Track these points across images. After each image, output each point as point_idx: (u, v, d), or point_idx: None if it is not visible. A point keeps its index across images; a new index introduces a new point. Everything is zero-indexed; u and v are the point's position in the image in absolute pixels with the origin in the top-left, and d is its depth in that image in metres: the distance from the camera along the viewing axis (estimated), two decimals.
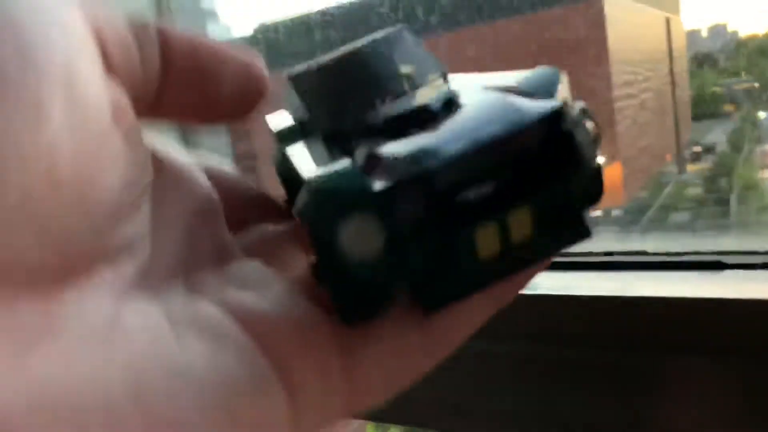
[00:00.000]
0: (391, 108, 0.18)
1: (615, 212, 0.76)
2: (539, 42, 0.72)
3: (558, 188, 0.16)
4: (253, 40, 0.99)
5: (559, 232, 0.17)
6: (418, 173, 0.15)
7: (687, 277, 0.33)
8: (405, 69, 0.20)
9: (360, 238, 0.15)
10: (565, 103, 0.15)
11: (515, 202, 0.16)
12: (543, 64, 0.19)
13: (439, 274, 0.16)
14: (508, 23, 0.73)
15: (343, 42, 0.22)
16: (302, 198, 0.15)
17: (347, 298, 0.16)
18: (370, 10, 0.80)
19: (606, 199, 0.18)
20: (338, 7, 0.81)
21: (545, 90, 0.17)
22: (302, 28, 0.89)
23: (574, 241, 0.17)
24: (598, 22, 0.69)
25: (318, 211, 0.15)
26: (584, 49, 0.68)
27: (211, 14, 1.02)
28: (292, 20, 0.91)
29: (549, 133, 0.15)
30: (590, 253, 0.36)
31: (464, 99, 0.17)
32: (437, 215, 0.15)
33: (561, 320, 0.32)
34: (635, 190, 0.79)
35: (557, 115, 0.15)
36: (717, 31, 0.71)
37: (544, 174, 0.16)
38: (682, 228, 0.77)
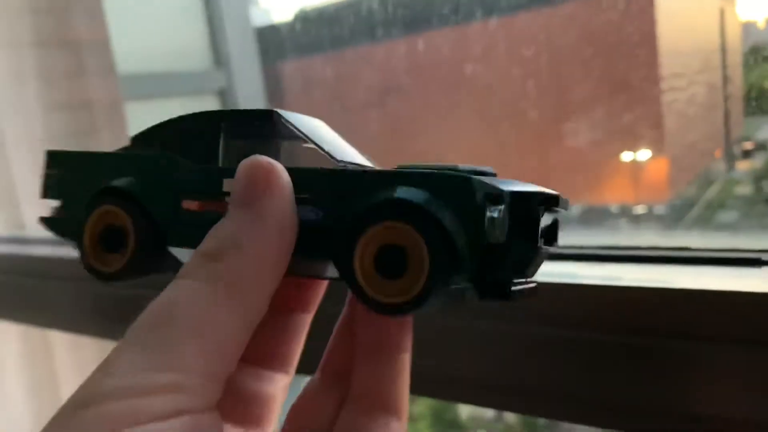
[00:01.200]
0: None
1: (658, 209, 0.74)
2: (583, 30, 0.70)
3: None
4: (293, 26, 0.99)
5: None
6: (528, 191, 0.20)
7: (727, 272, 0.35)
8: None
9: (497, 224, 0.19)
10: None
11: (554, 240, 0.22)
12: (585, 53, 0.23)
13: (515, 270, 0.21)
14: (550, 11, 0.71)
15: (387, 29, 0.28)
16: (444, 185, 0.20)
17: (457, 275, 0.20)
18: None
19: (650, 196, 0.19)
20: None
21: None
22: (343, 13, 0.89)
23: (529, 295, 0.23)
24: (647, 11, 0.66)
25: (468, 197, 0.19)
26: (631, 38, 0.66)
27: None
28: (332, 5, 0.91)
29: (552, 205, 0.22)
30: (637, 248, 0.39)
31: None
32: (531, 226, 0.20)
33: (607, 308, 0.34)
34: (681, 186, 0.77)
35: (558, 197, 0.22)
36: None
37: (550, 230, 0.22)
38: (726, 227, 0.74)
